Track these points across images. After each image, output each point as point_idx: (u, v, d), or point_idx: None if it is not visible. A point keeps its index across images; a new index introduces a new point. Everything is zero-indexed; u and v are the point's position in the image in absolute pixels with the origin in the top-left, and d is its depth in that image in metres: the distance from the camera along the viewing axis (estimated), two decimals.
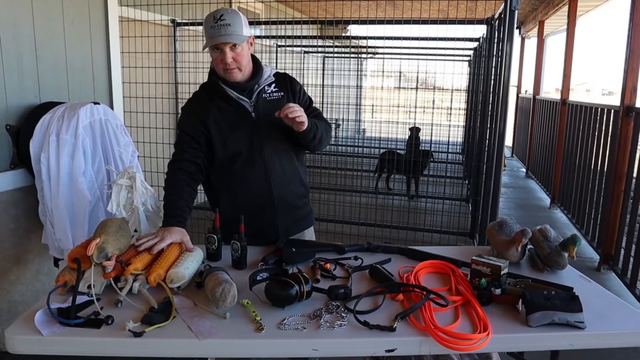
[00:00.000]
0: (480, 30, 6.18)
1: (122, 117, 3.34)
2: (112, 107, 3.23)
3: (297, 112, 1.88)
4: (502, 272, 1.59)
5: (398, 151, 6.95)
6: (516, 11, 3.29)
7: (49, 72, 2.83)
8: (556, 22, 8.61)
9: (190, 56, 5.03)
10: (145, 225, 1.93)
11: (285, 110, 1.88)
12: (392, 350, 1.36)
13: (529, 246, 1.94)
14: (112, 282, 1.56)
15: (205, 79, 2.10)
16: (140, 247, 1.73)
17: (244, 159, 2.02)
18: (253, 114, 2.01)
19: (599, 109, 4.83)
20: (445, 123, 8.44)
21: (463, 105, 9.25)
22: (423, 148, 7.11)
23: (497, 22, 4.18)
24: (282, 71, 2.16)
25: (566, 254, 1.83)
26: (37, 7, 2.72)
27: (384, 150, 6.99)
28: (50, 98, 2.81)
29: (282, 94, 2.07)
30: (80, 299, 1.49)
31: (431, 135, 6.33)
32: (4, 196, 2.59)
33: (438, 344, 1.35)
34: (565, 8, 6.65)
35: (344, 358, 1.41)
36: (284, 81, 2.10)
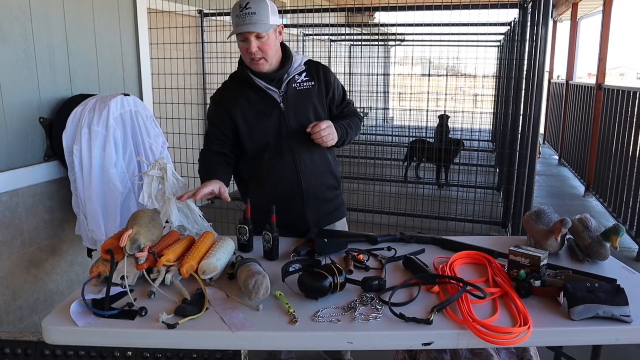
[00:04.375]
0: (511, 14, 6.02)
1: (151, 108, 3.35)
2: (141, 99, 3.24)
3: (325, 137, 1.90)
4: (542, 263, 1.54)
5: (428, 139, 6.85)
6: None
7: (80, 65, 2.86)
8: (590, 3, 8.34)
9: (217, 46, 5.02)
10: (176, 216, 1.92)
11: (315, 130, 1.90)
12: (428, 344, 1.33)
13: (568, 236, 1.88)
14: (145, 273, 1.56)
15: (232, 69, 2.08)
16: (182, 198, 1.81)
17: (271, 150, 2.00)
18: (282, 104, 1.98)
19: (638, 93, 4.66)
20: (474, 110, 8.28)
21: (492, 92, 9.05)
22: (453, 136, 7.00)
23: (530, 5, 4.06)
24: (316, 60, 2.11)
25: (608, 245, 1.76)
26: (68, 0, 2.74)
27: (414, 138, 6.89)
28: (81, 90, 2.83)
29: (312, 83, 2.03)
30: (114, 290, 1.49)
31: (461, 123, 6.20)
32: (38, 188, 2.63)
33: (477, 338, 1.31)
34: None
35: (375, 350, 1.38)
36: (316, 70, 2.05)
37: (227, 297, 1.51)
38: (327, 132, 1.91)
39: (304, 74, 2.02)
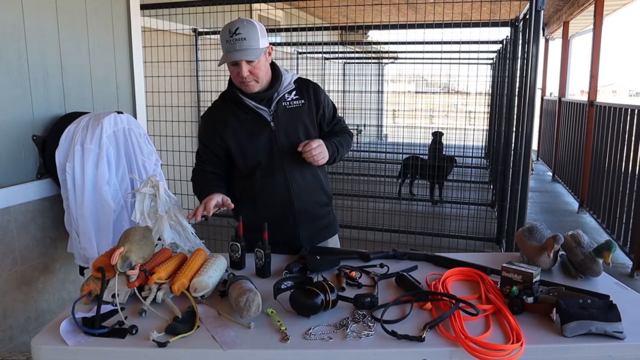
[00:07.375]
0: (503, 33, 6.10)
1: (145, 126, 3.35)
2: (135, 116, 3.25)
3: (316, 156, 1.92)
4: (534, 280, 1.54)
5: (421, 156, 6.88)
6: (542, 12, 3.23)
7: (74, 83, 2.86)
8: (581, 22, 8.46)
9: (211, 64, 5.06)
10: (169, 234, 1.91)
11: (306, 150, 1.91)
12: None
13: (561, 252, 1.88)
14: (136, 291, 1.55)
15: (226, 87, 2.09)
16: (197, 217, 1.82)
17: (263, 169, 2.00)
18: (272, 123, 1.99)
19: (629, 110, 4.71)
20: (467, 127, 8.34)
21: (485, 109, 9.13)
22: (446, 153, 7.04)
23: (521, 23, 4.11)
24: (305, 77, 2.13)
25: (601, 261, 1.76)
26: (62, 18, 2.75)
27: (407, 155, 6.92)
28: (74, 108, 2.83)
29: (302, 101, 2.04)
30: (105, 308, 1.48)
31: (455, 140, 6.24)
32: (31, 205, 2.62)
33: (469, 355, 1.30)
34: (591, 8, 6.51)
35: None
36: (306, 88, 2.06)
37: (218, 315, 1.50)
38: (318, 151, 1.92)
39: (293, 93, 2.03)
